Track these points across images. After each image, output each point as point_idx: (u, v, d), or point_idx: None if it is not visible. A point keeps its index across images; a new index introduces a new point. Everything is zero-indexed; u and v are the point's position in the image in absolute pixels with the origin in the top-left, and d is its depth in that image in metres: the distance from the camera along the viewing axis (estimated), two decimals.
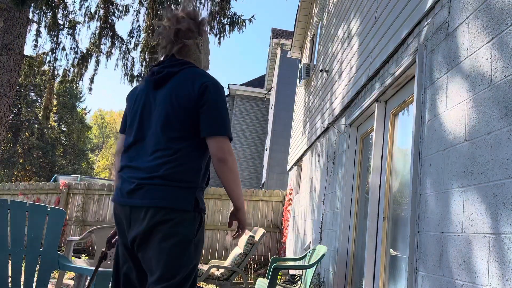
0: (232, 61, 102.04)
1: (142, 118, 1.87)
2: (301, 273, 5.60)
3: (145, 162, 1.78)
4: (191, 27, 1.93)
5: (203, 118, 1.79)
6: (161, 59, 1.99)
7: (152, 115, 1.84)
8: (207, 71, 2.01)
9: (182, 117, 1.78)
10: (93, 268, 2.40)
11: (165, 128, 1.79)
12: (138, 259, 1.82)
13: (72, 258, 4.99)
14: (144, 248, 1.74)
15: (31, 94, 24.58)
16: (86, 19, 8.70)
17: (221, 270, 4.92)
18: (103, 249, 2.18)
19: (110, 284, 2.15)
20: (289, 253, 7.91)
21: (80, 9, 8.69)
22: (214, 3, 8.58)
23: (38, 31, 8.42)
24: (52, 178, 14.92)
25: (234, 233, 1.96)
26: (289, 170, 9.61)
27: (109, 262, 2.24)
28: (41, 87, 21.93)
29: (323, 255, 3.76)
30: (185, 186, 1.76)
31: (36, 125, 24.53)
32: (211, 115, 1.79)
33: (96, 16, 8.76)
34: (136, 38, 9.01)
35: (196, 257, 1.79)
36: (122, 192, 1.79)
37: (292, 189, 8.70)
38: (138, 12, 8.93)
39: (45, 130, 24.31)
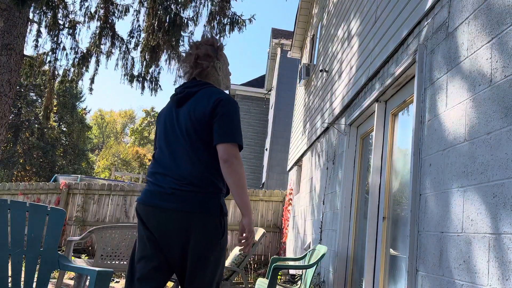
0: (232, 61, 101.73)
1: (168, 133, 2.11)
2: (301, 273, 5.60)
3: (175, 171, 1.99)
4: (209, 52, 2.21)
5: (215, 128, 2.00)
6: (185, 81, 2.26)
7: (176, 129, 2.08)
8: (227, 90, 2.31)
9: (200, 130, 2.01)
10: (93, 268, 2.41)
11: (187, 140, 2.02)
12: (163, 256, 1.98)
13: (72, 258, 4.99)
14: (176, 248, 1.94)
15: (31, 94, 24.58)
16: (86, 19, 8.70)
17: None
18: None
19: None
20: (289, 253, 7.91)
21: (80, 9, 8.68)
22: (214, 3, 8.58)
23: (38, 31, 8.42)
24: (52, 178, 14.92)
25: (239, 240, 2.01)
26: (289, 170, 9.61)
27: None
28: (41, 87, 21.93)
29: (323, 255, 3.76)
30: (210, 192, 1.96)
31: (36, 125, 24.54)
32: (222, 125, 1.99)
33: (96, 16, 8.75)
34: (136, 38, 9.00)
35: (221, 257, 1.98)
36: (152, 195, 2.00)
37: (292, 189, 8.70)
38: (138, 12, 8.93)
39: (45, 130, 24.32)
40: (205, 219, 1.92)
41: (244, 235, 1.97)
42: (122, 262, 4.19)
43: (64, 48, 8.58)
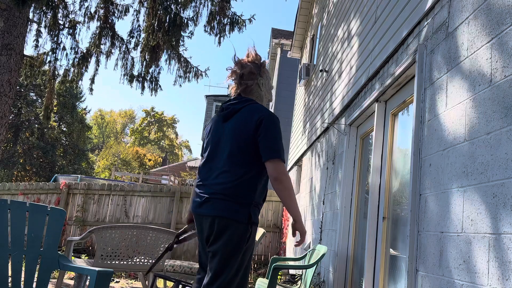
0: (232, 61, 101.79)
1: (213, 145, 2.32)
2: (301, 273, 5.60)
3: (212, 181, 2.22)
4: (252, 70, 2.40)
5: (261, 146, 2.19)
6: (232, 96, 2.47)
7: (220, 143, 2.29)
8: (269, 103, 2.53)
9: (243, 145, 2.21)
10: (93, 268, 2.41)
11: (230, 154, 2.22)
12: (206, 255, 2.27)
13: (72, 258, 4.99)
14: (211, 246, 2.18)
15: (31, 94, 24.57)
16: (86, 19, 8.70)
17: None
18: (171, 242, 2.56)
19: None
20: (289, 253, 7.91)
21: (80, 9, 8.68)
22: (214, 3, 8.58)
23: (38, 31, 8.42)
24: (52, 178, 14.93)
25: (296, 242, 2.32)
26: (289, 170, 9.61)
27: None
28: (42, 87, 21.93)
29: (323, 255, 3.76)
30: (241, 202, 2.16)
31: (36, 125, 24.54)
32: (267, 143, 2.18)
33: (96, 16, 8.75)
34: (136, 38, 9.00)
35: (244, 261, 2.19)
36: (193, 204, 2.29)
37: None
38: (138, 12, 8.93)
39: (45, 130, 24.32)
40: (233, 225, 2.13)
41: (297, 235, 2.26)
42: (122, 262, 4.19)
43: (64, 48, 8.58)
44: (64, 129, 26.65)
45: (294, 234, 2.25)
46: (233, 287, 2.13)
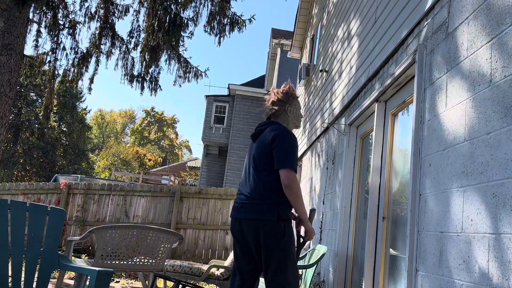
0: (232, 61, 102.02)
1: (246, 162, 2.80)
2: (301, 273, 5.60)
3: (245, 190, 2.66)
4: (282, 98, 2.82)
5: (275, 156, 2.57)
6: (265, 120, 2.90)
7: (250, 159, 2.74)
8: (296, 129, 2.95)
9: (264, 158, 2.61)
10: (93, 268, 2.41)
11: (256, 166, 2.66)
12: (251, 255, 2.60)
13: (73, 258, 4.99)
14: (253, 248, 2.55)
15: (31, 94, 24.57)
16: (86, 19, 8.70)
17: (221, 270, 4.92)
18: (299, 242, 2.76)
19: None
20: None
21: (80, 9, 8.68)
22: (214, 3, 8.58)
23: (38, 31, 8.42)
24: (53, 178, 14.93)
25: (302, 240, 2.70)
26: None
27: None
28: (42, 87, 21.93)
29: (323, 255, 3.76)
30: (268, 203, 2.52)
31: (37, 125, 24.54)
32: (279, 153, 2.56)
33: (96, 16, 8.75)
34: (136, 38, 9.00)
35: (287, 255, 2.48)
36: (233, 210, 2.69)
37: None
38: (138, 12, 8.92)
39: (45, 130, 24.32)
40: (266, 225, 2.48)
41: (304, 234, 2.65)
42: (122, 262, 4.19)
43: (64, 48, 8.58)
44: (64, 129, 26.65)
45: (299, 231, 2.65)
46: (284, 281, 2.44)
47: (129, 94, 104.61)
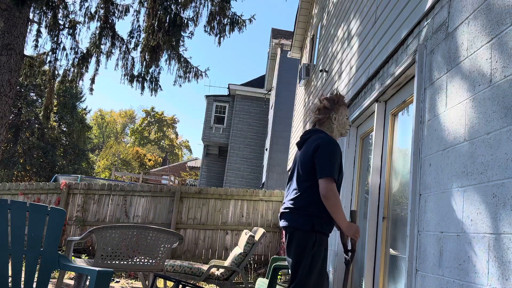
0: (232, 61, 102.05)
1: (291, 171, 2.83)
2: None
3: (287, 199, 2.73)
4: (327, 105, 2.82)
5: (316, 165, 2.59)
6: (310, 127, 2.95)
7: (295, 168, 2.77)
8: (342, 137, 2.92)
9: (307, 167, 2.64)
10: (93, 268, 2.41)
11: (298, 175, 2.69)
12: None
13: (73, 258, 4.99)
14: (287, 253, 2.64)
15: (31, 94, 24.57)
16: (86, 19, 8.70)
17: (221, 270, 4.92)
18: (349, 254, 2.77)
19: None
20: None
21: (80, 9, 8.68)
22: (214, 3, 8.58)
23: (38, 31, 8.42)
24: (53, 178, 14.94)
25: (351, 248, 2.72)
26: (289, 170, 9.61)
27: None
28: (42, 87, 21.93)
29: None
30: (305, 214, 2.55)
31: (37, 125, 24.53)
32: (320, 163, 2.57)
33: (96, 16, 8.75)
34: (136, 38, 9.00)
35: (314, 265, 2.50)
36: (279, 218, 2.76)
37: None
38: (138, 12, 8.93)
39: (46, 130, 24.31)
40: (298, 233, 2.54)
41: (349, 237, 2.64)
42: (122, 262, 4.19)
43: (64, 48, 8.58)
44: (64, 129, 26.65)
45: (345, 242, 2.66)
46: None
47: (129, 94, 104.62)
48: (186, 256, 8.34)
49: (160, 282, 5.41)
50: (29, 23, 7.81)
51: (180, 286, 3.05)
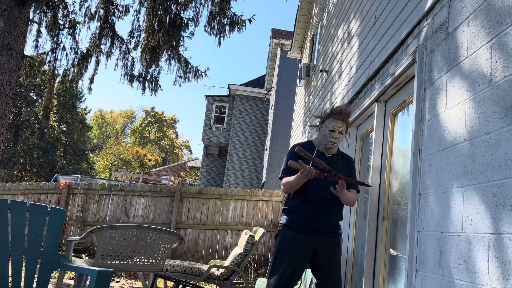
0: (232, 61, 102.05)
1: None
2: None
3: None
4: (321, 116, 3.11)
5: None
6: None
7: None
8: (320, 142, 3.08)
9: None
10: (93, 268, 2.41)
11: None
12: None
13: (73, 257, 4.99)
14: None
15: (32, 94, 24.57)
16: (86, 19, 8.70)
17: (221, 270, 4.92)
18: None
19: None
20: None
21: (80, 9, 8.68)
22: (214, 3, 8.58)
23: (38, 31, 8.42)
24: (53, 178, 14.93)
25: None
26: None
27: None
28: (42, 87, 21.93)
29: None
30: (284, 209, 2.97)
31: (37, 125, 24.53)
32: None
33: (96, 16, 8.75)
34: (136, 38, 9.00)
35: (276, 257, 2.81)
36: None
37: None
38: (138, 12, 8.93)
39: (46, 130, 24.32)
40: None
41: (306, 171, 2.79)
42: (122, 262, 4.19)
43: (64, 48, 8.58)
44: (64, 129, 26.65)
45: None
46: (268, 280, 2.83)
47: (129, 94, 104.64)
48: (186, 256, 8.34)
49: (160, 282, 5.42)
50: (29, 23, 7.81)
51: (180, 286, 3.05)
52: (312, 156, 2.80)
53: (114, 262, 4.12)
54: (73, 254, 6.58)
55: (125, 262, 4.20)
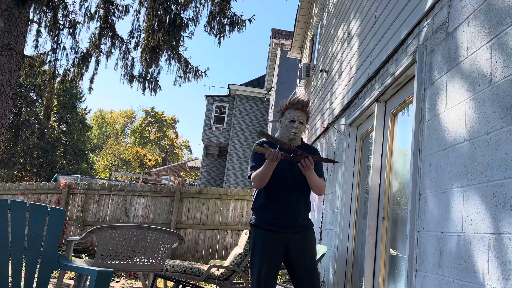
0: (232, 61, 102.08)
1: None
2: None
3: None
4: (280, 110, 2.95)
5: None
6: None
7: None
8: (284, 135, 2.93)
9: None
10: (94, 268, 2.41)
11: None
12: None
13: (73, 258, 4.99)
14: None
15: (32, 94, 24.57)
16: (86, 19, 8.69)
17: (221, 270, 4.92)
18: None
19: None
20: None
21: (80, 9, 8.67)
22: (214, 3, 8.58)
23: (38, 31, 8.41)
24: (53, 178, 14.93)
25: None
26: None
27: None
28: (42, 87, 21.93)
29: (323, 255, 3.77)
30: (253, 208, 2.90)
31: (37, 125, 24.54)
32: None
33: (96, 16, 8.74)
34: (136, 38, 8.99)
35: (251, 258, 2.77)
36: None
37: None
38: (138, 12, 8.92)
39: (46, 130, 24.32)
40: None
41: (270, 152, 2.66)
42: (122, 262, 4.19)
43: (64, 48, 8.57)
44: (64, 129, 26.65)
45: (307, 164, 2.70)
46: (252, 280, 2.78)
47: (129, 94, 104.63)
48: (186, 256, 8.34)
49: (160, 282, 5.41)
50: (29, 23, 7.81)
51: (180, 286, 3.05)
52: (275, 137, 2.70)
53: (114, 262, 4.12)
54: (73, 254, 6.58)
55: (125, 262, 4.20)
